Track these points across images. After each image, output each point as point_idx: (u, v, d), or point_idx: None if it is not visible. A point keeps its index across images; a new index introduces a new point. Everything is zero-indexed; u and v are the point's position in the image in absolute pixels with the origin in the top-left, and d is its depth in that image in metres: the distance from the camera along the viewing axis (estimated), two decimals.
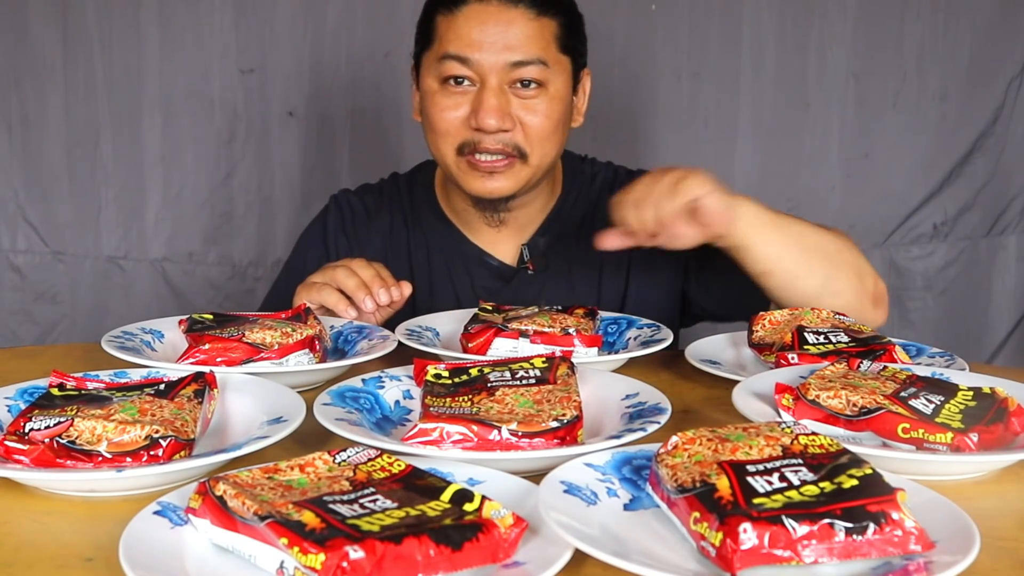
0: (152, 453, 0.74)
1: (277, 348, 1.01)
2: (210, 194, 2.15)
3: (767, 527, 0.56)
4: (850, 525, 0.57)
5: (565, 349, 1.06)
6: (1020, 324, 2.35)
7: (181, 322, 1.11)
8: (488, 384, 0.86)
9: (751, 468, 0.62)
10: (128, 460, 0.74)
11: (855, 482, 0.61)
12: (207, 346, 1.00)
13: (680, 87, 2.21)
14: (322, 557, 0.53)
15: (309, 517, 0.57)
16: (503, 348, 1.07)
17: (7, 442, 0.74)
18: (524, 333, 1.08)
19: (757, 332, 1.13)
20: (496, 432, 0.76)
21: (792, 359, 1.03)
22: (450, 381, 0.88)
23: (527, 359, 0.92)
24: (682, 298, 1.43)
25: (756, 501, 0.59)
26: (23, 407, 0.83)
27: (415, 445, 0.75)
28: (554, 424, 0.77)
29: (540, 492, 0.66)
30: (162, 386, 0.86)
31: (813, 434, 0.68)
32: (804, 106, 2.23)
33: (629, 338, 1.20)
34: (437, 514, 0.60)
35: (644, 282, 1.41)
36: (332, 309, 1.20)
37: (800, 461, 0.64)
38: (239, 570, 0.60)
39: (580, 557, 0.60)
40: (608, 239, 1.15)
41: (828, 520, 0.57)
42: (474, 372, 0.89)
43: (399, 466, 0.67)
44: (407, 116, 2.14)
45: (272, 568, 0.58)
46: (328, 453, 0.68)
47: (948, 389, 0.85)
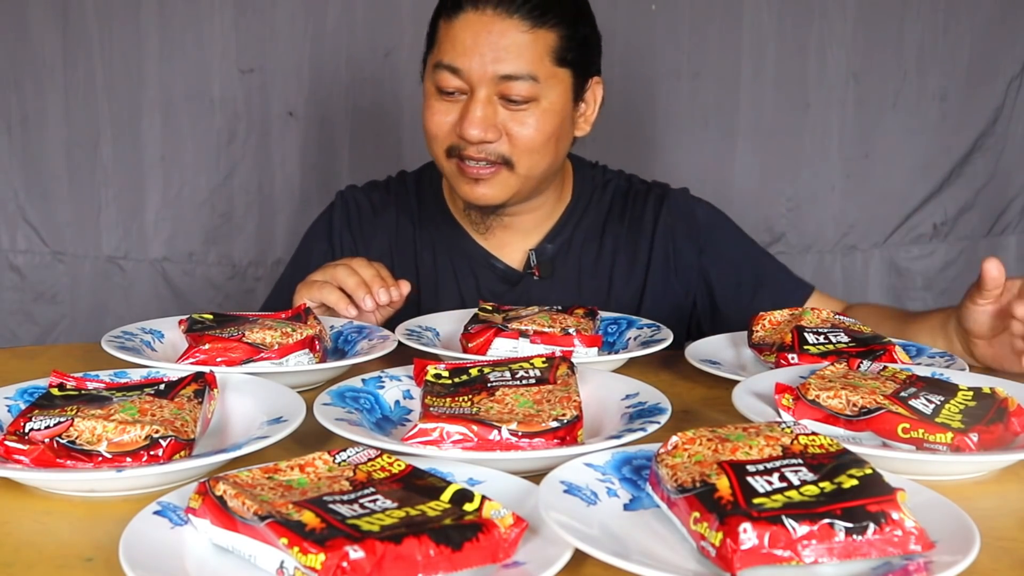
0: (152, 453, 0.74)
1: (277, 348, 1.01)
2: (210, 194, 2.15)
3: (767, 527, 0.56)
4: (850, 525, 0.57)
5: (565, 349, 1.06)
6: None
7: (181, 322, 1.11)
8: (488, 384, 0.86)
9: (751, 468, 0.62)
10: (128, 460, 0.74)
11: (855, 482, 0.61)
12: (207, 346, 1.00)
13: (680, 87, 2.21)
14: (322, 557, 0.53)
15: (309, 517, 0.57)
16: (503, 348, 1.07)
17: (7, 442, 0.74)
18: (524, 333, 1.08)
19: (757, 332, 1.13)
20: (496, 432, 0.76)
21: (792, 359, 1.03)
22: (450, 381, 0.88)
23: (527, 359, 0.92)
24: (690, 316, 1.45)
25: (756, 501, 0.59)
26: (23, 407, 0.83)
27: (415, 445, 0.75)
28: (554, 424, 0.77)
29: (540, 492, 0.66)
30: (162, 386, 0.86)
31: (813, 434, 0.68)
32: (804, 106, 2.23)
33: (629, 338, 1.20)
34: (437, 514, 0.60)
35: (657, 299, 1.41)
36: (332, 307, 1.20)
37: (800, 461, 0.64)
38: (239, 570, 0.60)
39: (580, 557, 0.60)
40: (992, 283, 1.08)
41: (828, 520, 0.57)
42: (474, 372, 0.89)
43: (399, 466, 0.67)
44: (407, 115, 2.15)
45: (272, 568, 0.58)
46: (328, 453, 0.68)
47: (948, 389, 0.85)
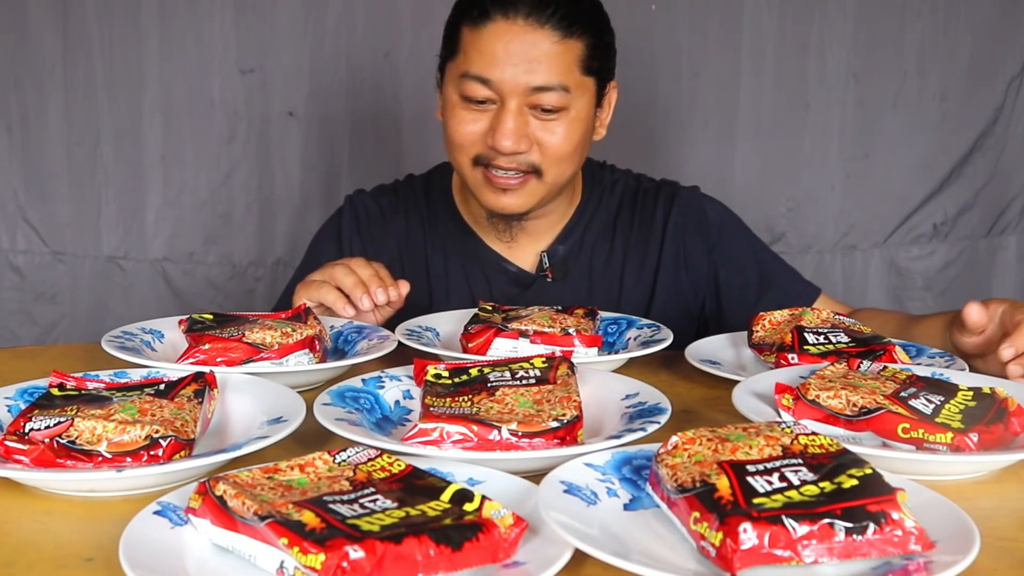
0: (152, 453, 0.74)
1: (277, 348, 1.01)
2: (210, 194, 2.15)
3: (767, 527, 0.56)
4: (850, 525, 0.57)
5: (565, 349, 1.06)
6: None
7: (181, 322, 1.11)
8: (488, 384, 0.86)
9: (751, 468, 0.62)
10: (128, 460, 0.74)
11: (855, 482, 0.61)
12: (207, 346, 1.00)
13: (680, 87, 2.21)
14: (322, 557, 0.53)
15: (309, 517, 0.57)
16: (503, 348, 1.07)
17: (7, 442, 0.74)
18: (524, 333, 1.08)
19: (757, 332, 1.13)
20: (496, 432, 0.76)
21: (792, 359, 1.03)
22: (450, 381, 0.88)
23: (527, 359, 0.92)
24: (699, 317, 1.45)
25: (756, 501, 0.59)
26: (23, 407, 0.83)
27: (415, 445, 0.75)
28: (554, 424, 0.77)
29: (540, 492, 0.66)
30: (162, 386, 0.86)
31: (813, 434, 0.68)
32: (804, 106, 2.23)
33: (629, 338, 1.20)
34: (437, 514, 0.60)
35: (668, 299, 1.41)
36: (331, 307, 1.20)
37: (800, 461, 0.64)
38: (239, 570, 0.60)
39: (580, 557, 0.60)
40: (976, 318, 1.06)
41: (828, 520, 0.57)
42: (474, 372, 0.89)
43: (399, 466, 0.67)
44: (407, 115, 2.15)
45: (272, 568, 0.58)
46: (328, 453, 0.68)
47: (948, 389, 0.85)
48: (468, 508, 0.60)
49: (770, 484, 0.61)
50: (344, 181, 2.13)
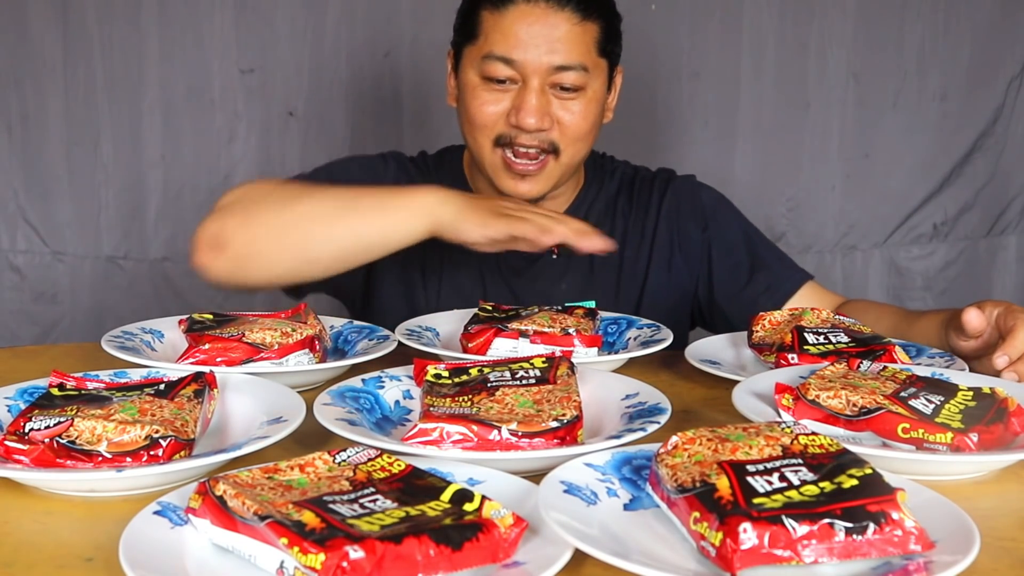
0: (152, 453, 0.74)
1: (277, 348, 1.01)
2: (210, 194, 2.15)
3: (767, 527, 0.56)
4: (850, 525, 0.57)
5: (565, 349, 1.06)
6: None
7: (181, 322, 1.11)
8: (488, 384, 0.86)
9: (751, 468, 0.62)
10: (128, 460, 0.74)
11: (855, 482, 0.61)
12: (207, 346, 1.00)
13: (680, 87, 2.21)
14: (322, 557, 0.53)
15: (309, 517, 0.57)
16: (503, 348, 1.07)
17: (7, 442, 0.74)
18: (524, 333, 1.08)
19: (757, 332, 1.13)
20: (496, 432, 0.76)
21: (792, 359, 1.03)
22: (450, 381, 0.88)
23: (527, 359, 0.92)
24: (693, 300, 1.47)
25: (756, 501, 0.59)
26: (23, 407, 0.83)
27: (415, 445, 0.75)
28: (554, 424, 0.77)
29: (540, 492, 0.66)
30: (162, 386, 0.86)
31: (813, 434, 0.68)
32: (804, 106, 2.23)
33: (629, 338, 1.20)
34: (437, 514, 0.60)
35: (661, 281, 1.44)
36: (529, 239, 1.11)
37: (800, 461, 0.64)
38: (239, 570, 0.60)
39: (580, 557, 0.60)
40: (975, 323, 1.06)
41: (828, 520, 0.57)
42: (474, 372, 0.89)
43: (399, 466, 0.67)
44: (407, 115, 2.15)
45: (272, 568, 0.58)
46: (328, 453, 0.68)
47: (948, 389, 0.85)
48: (468, 508, 0.60)
49: (770, 484, 0.61)
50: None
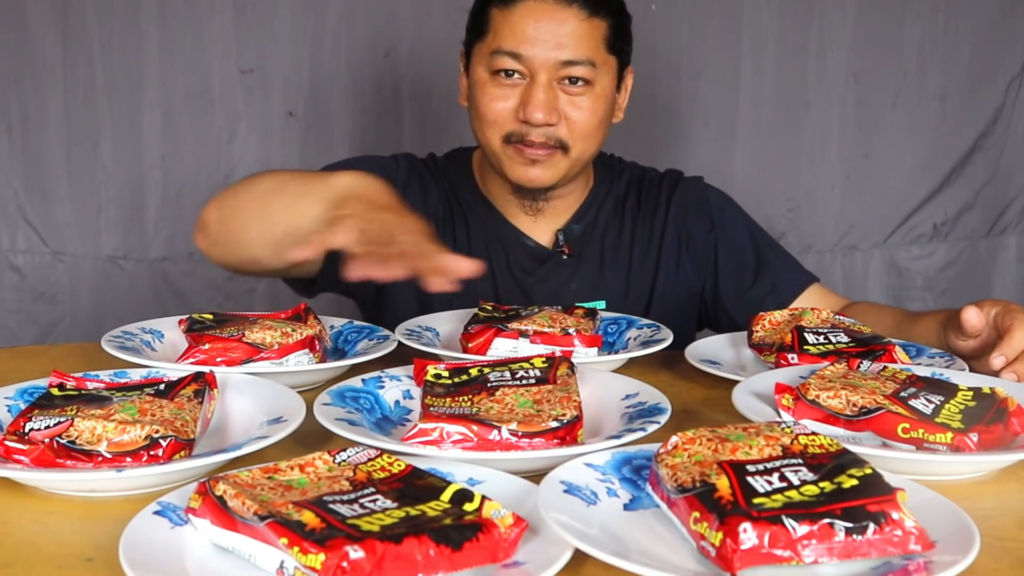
0: (152, 453, 0.74)
1: (277, 348, 1.01)
2: (210, 194, 2.14)
3: (767, 527, 0.56)
4: (850, 525, 0.57)
5: (565, 349, 1.06)
6: None
7: (181, 322, 1.11)
8: (488, 384, 0.86)
9: (751, 468, 0.62)
10: (128, 460, 0.74)
11: (855, 482, 0.61)
12: (207, 346, 1.00)
13: (680, 87, 2.21)
14: (322, 557, 0.53)
15: (309, 517, 0.57)
16: (503, 348, 1.07)
17: (7, 442, 0.74)
18: (524, 333, 1.08)
19: (757, 332, 1.13)
20: (496, 432, 0.76)
21: (792, 359, 1.03)
22: (450, 381, 0.88)
23: (527, 359, 0.92)
24: (699, 301, 1.48)
25: (756, 501, 0.59)
26: (23, 407, 0.83)
27: (415, 445, 0.75)
28: (554, 424, 0.77)
29: (540, 492, 0.66)
30: (162, 386, 0.86)
31: (813, 434, 0.68)
32: (804, 106, 2.22)
33: (629, 338, 1.20)
34: (437, 514, 0.60)
35: (670, 281, 1.45)
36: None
37: (800, 461, 0.64)
38: (239, 570, 0.60)
39: (580, 557, 0.60)
40: (973, 321, 1.05)
41: (828, 520, 0.57)
42: (474, 372, 0.89)
43: (399, 466, 0.67)
44: (407, 115, 2.15)
45: (272, 568, 0.58)
46: (328, 453, 0.68)
47: (948, 389, 0.85)
48: (468, 508, 0.60)
49: (770, 484, 0.61)
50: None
